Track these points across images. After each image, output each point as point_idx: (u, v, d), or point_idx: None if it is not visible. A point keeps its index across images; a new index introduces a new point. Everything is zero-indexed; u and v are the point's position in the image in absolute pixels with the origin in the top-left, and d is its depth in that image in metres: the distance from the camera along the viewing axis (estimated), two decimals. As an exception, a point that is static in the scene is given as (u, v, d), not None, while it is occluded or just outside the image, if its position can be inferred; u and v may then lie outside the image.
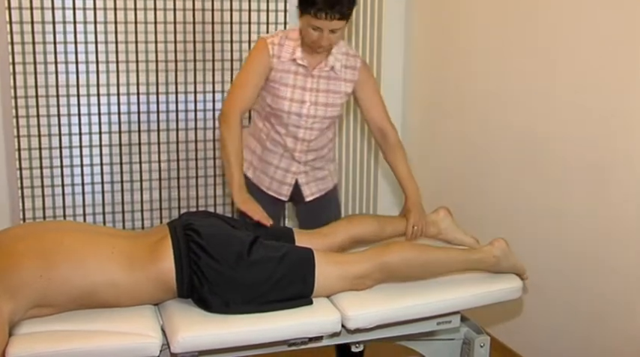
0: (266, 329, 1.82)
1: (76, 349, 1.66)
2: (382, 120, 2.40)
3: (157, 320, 1.83)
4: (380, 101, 2.42)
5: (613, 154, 2.28)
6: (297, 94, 2.27)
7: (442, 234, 2.33)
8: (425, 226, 2.29)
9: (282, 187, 2.42)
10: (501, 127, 2.81)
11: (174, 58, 3.13)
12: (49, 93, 2.94)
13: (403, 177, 2.38)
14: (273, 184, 2.41)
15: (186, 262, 1.84)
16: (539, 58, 2.56)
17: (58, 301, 1.76)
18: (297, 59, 2.25)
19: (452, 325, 2.13)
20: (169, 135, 3.21)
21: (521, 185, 2.70)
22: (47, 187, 3.03)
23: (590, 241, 2.39)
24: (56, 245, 1.79)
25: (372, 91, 2.40)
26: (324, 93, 2.31)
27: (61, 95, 2.97)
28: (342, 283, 1.96)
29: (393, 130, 2.40)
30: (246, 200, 2.15)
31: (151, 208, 3.26)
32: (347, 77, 2.33)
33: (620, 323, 2.29)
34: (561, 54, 2.46)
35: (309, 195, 2.46)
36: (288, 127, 2.31)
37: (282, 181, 2.41)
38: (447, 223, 2.33)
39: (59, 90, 2.96)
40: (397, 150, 2.40)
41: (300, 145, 2.34)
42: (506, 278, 2.14)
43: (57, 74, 2.94)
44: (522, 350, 2.76)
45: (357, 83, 2.35)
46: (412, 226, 2.26)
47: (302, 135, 2.32)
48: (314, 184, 2.46)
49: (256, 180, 2.42)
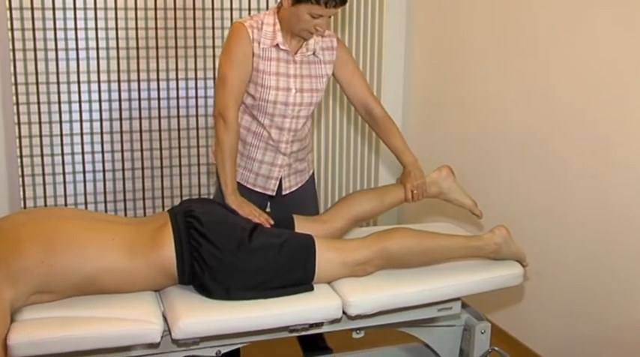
0: (267, 315, 1.84)
1: (77, 335, 1.68)
2: (365, 96, 2.33)
3: (158, 306, 1.85)
4: (360, 77, 2.35)
5: (613, 152, 2.28)
6: (282, 82, 2.20)
7: (443, 193, 2.31)
8: (426, 187, 2.26)
9: (268, 182, 2.33)
10: (501, 126, 2.81)
11: (175, 44, 3.13)
12: (49, 80, 2.94)
13: (399, 151, 2.31)
14: (258, 180, 2.33)
15: (187, 249, 1.86)
16: (540, 57, 2.56)
17: (59, 288, 1.77)
18: (279, 44, 2.17)
19: (452, 311, 2.15)
20: (170, 122, 3.21)
21: (522, 184, 2.71)
22: (48, 175, 3.04)
23: (591, 230, 2.40)
24: (57, 231, 1.80)
25: (353, 69, 2.33)
26: (308, 78, 2.25)
27: (61, 82, 2.96)
28: (343, 270, 1.98)
29: (377, 104, 2.34)
30: (241, 204, 2.09)
31: (152, 196, 3.26)
32: (326, 59, 2.27)
33: (623, 310, 2.31)
34: (561, 53, 2.46)
35: (287, 188, 2.37)
36: (273, 117, 2.23)
37: (268, 175, 2.32)
38: (448, 182, 2.31)
39: (60, 77, 2.96)
40: (386, 124, 2.33)
41: (287, 136, 2.27)
42: (507, 265, 2.15)
43: (57, 61, 2.94)
44: (523, 337, 2.78)
45: (336, 62, 2.29)
46: (411, 190, 2.23)
47: (288, 125, 2.25)
48: (293, 177, 2.39)
49: (239, 177, 2.31)
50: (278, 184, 2.35)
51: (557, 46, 2.48)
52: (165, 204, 3.27)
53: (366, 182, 3.58)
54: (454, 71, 3.10)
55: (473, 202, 2.31)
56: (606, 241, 2.34)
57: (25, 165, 2.98)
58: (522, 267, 2.17)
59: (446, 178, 2.31)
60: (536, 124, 2.61)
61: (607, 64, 2.28)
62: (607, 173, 2.32)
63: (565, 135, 2.48)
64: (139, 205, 3.24)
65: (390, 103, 3.46)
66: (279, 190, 2.37)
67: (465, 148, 3.06)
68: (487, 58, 2.86)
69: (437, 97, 3.24)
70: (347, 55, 2.33)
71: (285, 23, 2.16)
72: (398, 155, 2.33)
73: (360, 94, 2.34)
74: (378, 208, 2.24)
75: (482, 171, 2.95)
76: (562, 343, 2.58)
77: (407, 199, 2.25)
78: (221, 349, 1.92)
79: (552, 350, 2.63)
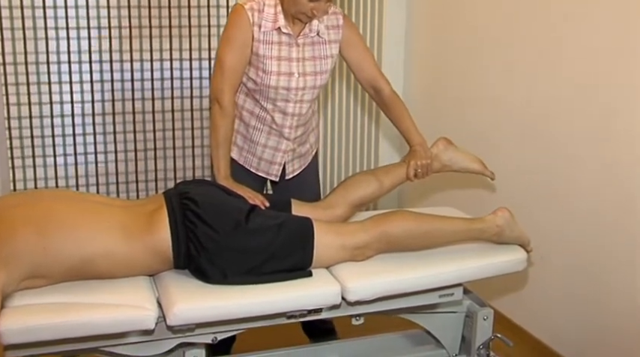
0: (264, 301, 1.84)
1: (69, 322, 1.67)
2: (375, 76, 2.31)
3: (153, 292, 1.85)
4: (370, 57, 2.32)
5: (620, 133, 2.27)
6: (283, 67, 2.16)
7: (447, 166, 2.29)
8: (431, 167, 2.24)
9: (271, 167, 2.33)
10: (504, 105, 2.80)
11: (169, 23, 3.11)
12: (39, 59, 2.93)
13: (407, 131, 2.29)
14: (261, 165, 2.33)
15: (183, 232, 1.85)
16: (545, 33, 2.54)
17: (52, 272, 1.77)
18: (281, 28, 2.13)
19: (454, 297, 2.15)
20: (164, 103, 3.20)
21: (525, 165, 2.70)
22: (38, 158, 3.03)
23: (597, 214, 2.40)
24: (50, 214, 1.79)
25: (361, 48, 2.30)
26: (311, 61, 2.22)
27: (51, 62, 2.95)
28: (342, 254, 1.98)
29: (387, 85, 2.32)
30: (234, 187, 2.08)
31: (146, 179, 3.26)
32: (331, 38, 2.23)
33: (629, 296, 2.31)
34: (567, 28, 2.44)
35: (290, 172, 2.38)
36: (276, 102, 2.21)
37: (271, 160, 2.32)
38: (449, 154, 2.29)
39: (49, 56, 2.94)
40: (395, 104, 2.31)
41: (290, 120, 2.25)
42: (510, 250, 2.15)
43: (47, 40, 2.92)
44: (526, 324, 2.79)
45: (343, 42, 2.25)
46: (414, 168, 2.20)
47: (292, 109, 2.23)
48: (297, 161, 2.39)
49: (243, 160, 2.32)
50: (282, 169, 2.35)
51: (562, 20, 2.46)
52: (159, 187, 3.27)
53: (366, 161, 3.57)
54: (456, 46, 3.08)
55: (481, 165, 2.28)
56: (613, 225, 2.34)
57: (15, 147, 2.97)
58: (526, 252, 2.17)
59: (445, 151, 2.29)
60: (541, 103, 2.60)
61: (613, 40, 2.26)
62: (614, 155, 2.31)
63: (571, 114, 2.47)
64: (132, 187, 3.24)
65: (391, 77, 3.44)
66: (282, 175, 2.37)
67: (466, 127, 3.04)
68: (490, 33, 2.84)
69: (437, 71, 3.23)
70: (354, 34, 2.29)
71: (285, 4, 2.13)
72: (405, 135, 2.31)
73: (370, 76, 2.31)
74: (378, 191, 2.23)
75: (484, 152, 2.93)
76: (566, 330, 2.59)
77: (409, 177, 2.23)
78: (217, 336, 1.92)
79: (556, 337, 2.64)
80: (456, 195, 3.14)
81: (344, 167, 3.58)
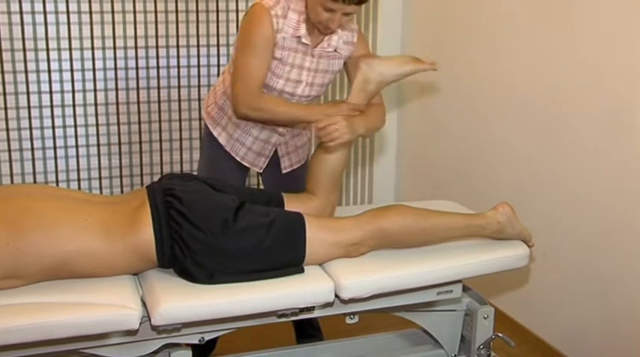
0: (254, 299, 1.83)
1: (47, 323, 1.65)
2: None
3: (137, 290, 1.83)
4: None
5: (628, 124, 2.26)
6: (293, 74, 2.18)
7: (383, 82, 2.15)
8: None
9: (258, 158, 2.34)
10: (506, 96, 2.80)
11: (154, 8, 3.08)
12: (14, 47, 2.89)
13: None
14: (248, 155, 2.33)
15: (167, 232, 1.83)
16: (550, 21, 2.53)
17: (28, 272, 1.75)
18: (301, 37, 2.13)
19: (453, 295, 2.14)
20: (150, 93, 3.17)
21: (528, 158, 2.70)
22: (15, 151, 3.00)
23: (603, 208, 2.39)
24: (26, 211, 1.77)
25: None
26: (323, 73, 2.23)
27: (28, 49, 2.91)
28: (335, 250, 1.97)
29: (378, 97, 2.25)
30: (325, 110, 2.08)
31: (130, 174, 3.24)
32: (344, 54, 2.25)
33: (636, 294, 2.31)
34: (573, 14, 2.43)
35: (287, 166, 2.39)
36: None
37: (259, 152, 2.33)
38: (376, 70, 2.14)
39: (26, 43, 2.90)
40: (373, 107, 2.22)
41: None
42: (511, 245, 2.14)
43: (22, 25, 2.88)
44: (529, 323, 2.79)
45: (351, 57, 2.25)
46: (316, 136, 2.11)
47: None
48: (294, 155, 2.40)
49: (229, 148, 2.32)
50: (274, 161, 2.35)
51: (567, 7, 2.45)
52: (144, 181, 3.25)
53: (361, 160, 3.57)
54: (454, 38, 3.07)
55: (416, 62, 2.16)
56: (619, 220, 2.33)
57: (-8, 140, 2.94)
58: (528, 247, 2.16)
59: (370, 69, 2.14)
60: (545, 96, 2.59)
61: (622, 21, 2.25)
62: (621, 148, 2.30)
63: (576, 105, 2.46)
64: (116, 183, 3.21)
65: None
66: (277, 168, 2.38)
67: (467, 118, 3.04)
68: (490, 23, 2.83)
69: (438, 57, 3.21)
70: (363, 49, 2.28)
71: (308, 11, 2.11)
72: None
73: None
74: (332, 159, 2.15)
75: (486, 145, 2.93)
76: (570, 329, 2.58)
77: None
78: (205, 336, 1.91)
79: (560, 337, 2.64)
80: (455, 187, 3.13)
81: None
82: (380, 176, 3.62)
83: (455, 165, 3.15)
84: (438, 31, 3.21)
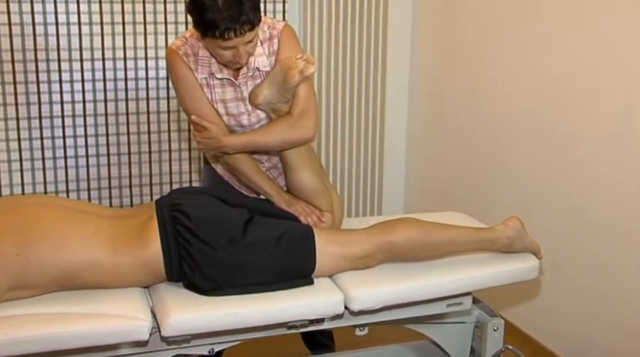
0: (264, 311, 1.83)
1: (58, 334, 1.66)
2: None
3: (147, 301, 1.84)
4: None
5: (633, 129, 2.26)
6: (231, 108, 2.08)
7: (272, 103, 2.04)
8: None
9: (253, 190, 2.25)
10: (512, 107, 2.80)
11: (164, 19, 3.10)
12: (26, 57, 2.92)
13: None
14: (242, 188, 2.27)
15: (175, 248, 1.84)
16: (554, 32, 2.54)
17: (37, 283, 1.76)
18: (215, 74, 2.03)
19: (463, 307, 2.14)
20: (159, 104, 3.19)
21: (536, 168, 2.69)
22: (26, 161, 3.02)
23: (612, 219, 2.39)
24: (35, 222, 1.78)
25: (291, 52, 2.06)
26: None
27: (39, 60, 2.94)
28: (344, 263, 1.97)
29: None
30: (290, 202, 2.10)
31: (140, 184, 3.25)
32: (269, 51, 2.06)
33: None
34: (577, 24, 2.43)
35: (284, 185, 2.28)
36: (235, 133, 2.12)
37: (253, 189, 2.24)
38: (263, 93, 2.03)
39: (38, 54, 2.93)
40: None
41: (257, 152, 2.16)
42: (521, 257, 2.14)
43: (35, 36, 2.91)
44: (539, 335, 2.77)
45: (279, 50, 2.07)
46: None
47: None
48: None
49: (227, 177, 2.27)
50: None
51: (572, 18, 2.45)
52: (154, 191, 3.26)
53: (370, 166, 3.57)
54: (461, 47, 3.07)
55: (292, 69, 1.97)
56: (629, 230, 2.33)
57: (1, 150, 2.96)
58: (537, 260, 2.16)
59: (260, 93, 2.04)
60: (552, 104, 2.59)
61: (628, 30, 2.25)
62: (629, 158, 2.30)
63: (583, 116, 2.46)
64: (125, 192, 3.22)
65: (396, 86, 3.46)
66: None
67: (477, 129, 3.04)
68: (497, 33, 2.83)
69: (443, 73, 3.22)
70: (288, 40, 2.08)
71: (213, 56, 2.00)
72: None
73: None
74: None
75: (493, 155, 2.93)
76: (581, 341, 2.57)
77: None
78: (215, 347, 1.91)
79: (570, 349, 2.63)
80: (464, 198, 3.13)
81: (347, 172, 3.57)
82: (389, 187, 3.63)
83: (464, 176, 3.15)
84: (448, 41, 3.22)
